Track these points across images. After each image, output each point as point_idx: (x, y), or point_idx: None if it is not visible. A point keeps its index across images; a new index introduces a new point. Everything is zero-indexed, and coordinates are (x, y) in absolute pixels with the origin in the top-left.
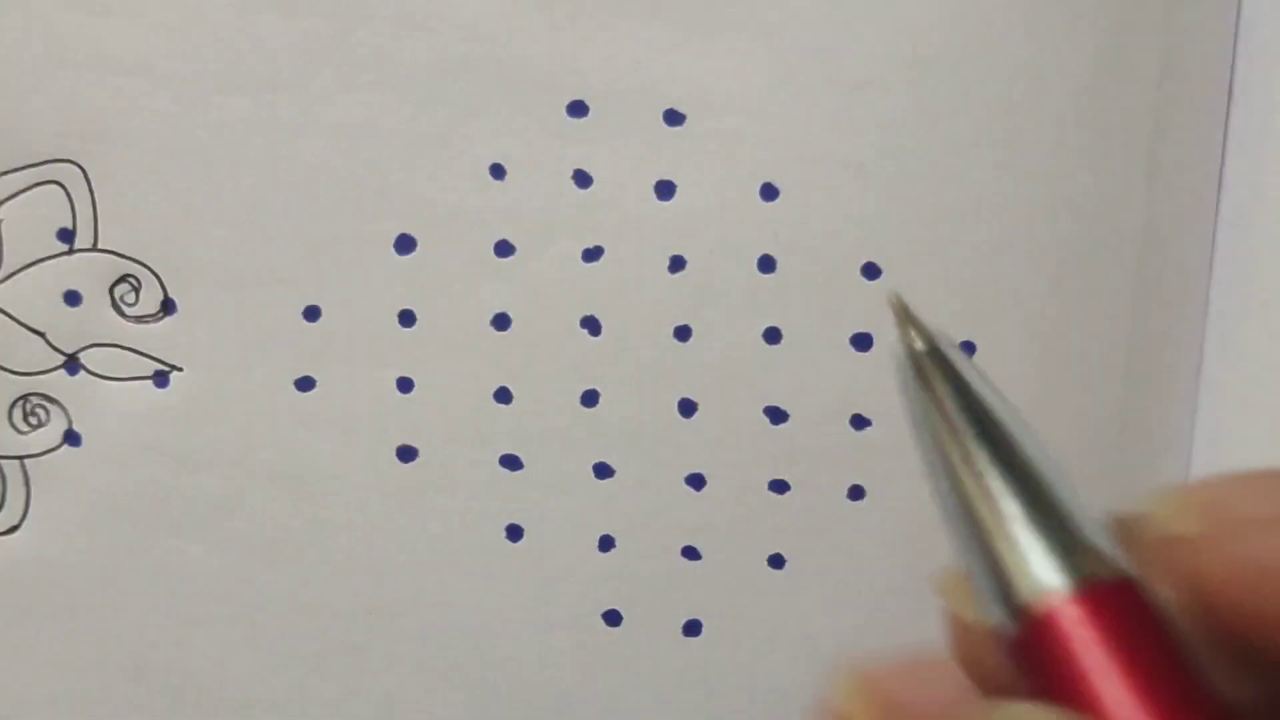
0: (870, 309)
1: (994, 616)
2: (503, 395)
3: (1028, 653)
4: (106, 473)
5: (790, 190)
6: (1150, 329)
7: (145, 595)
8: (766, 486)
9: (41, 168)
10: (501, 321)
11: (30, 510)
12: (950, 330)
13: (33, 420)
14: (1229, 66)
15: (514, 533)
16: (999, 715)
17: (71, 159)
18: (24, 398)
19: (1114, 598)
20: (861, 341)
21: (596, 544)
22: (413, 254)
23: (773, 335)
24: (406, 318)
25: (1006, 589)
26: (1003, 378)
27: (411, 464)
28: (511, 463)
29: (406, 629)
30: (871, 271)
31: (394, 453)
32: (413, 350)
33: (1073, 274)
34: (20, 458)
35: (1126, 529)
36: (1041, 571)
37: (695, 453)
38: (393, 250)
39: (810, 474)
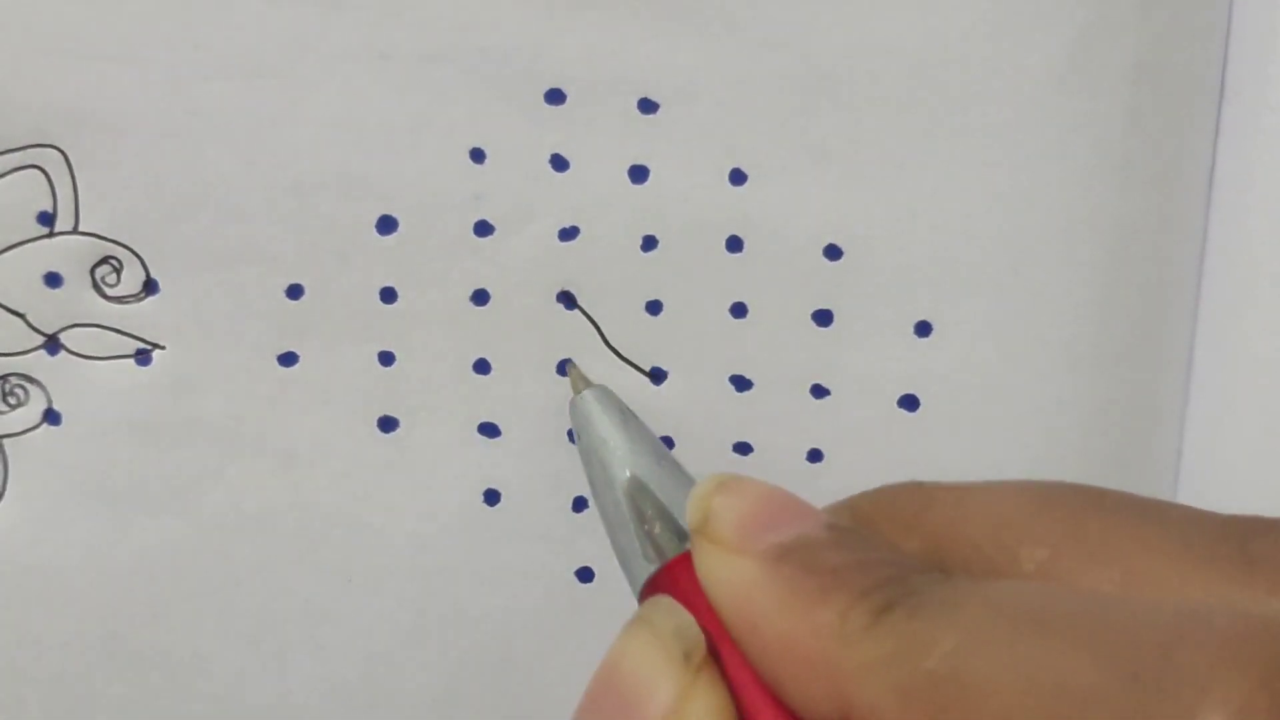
0: (830, 288)
1: (641, 570)
2: (481, 367)
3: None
4: (86, 451)
5: (757, 175)
6: (1131, 322)
7: (125, 573)
8: (731, 449)
9: (22, 152)
10: (480, 297)
11: (8, 489)
12: (908, 307)
13: (11, 400)
14: (1220, 64)
15: (491, 497)
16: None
17: (53, 144)
18: (3, 378)
19: (684, 562)
20: (822, 317)
21: (570, 504)
22: (394, 234)
23: (739, 310)
24: (388, 294)
25: (639, 558)
26: (957, 359)
27: (392, 434)
28: (490, 430)
29: (387, 595)
30: (833, 253)
31: (375, 424)
32: (394, 325)
33: (1033, 263)
34: None
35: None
36: (648, 553)
37: (665, 417)
38: (374, 231)
39: (772, 438)
